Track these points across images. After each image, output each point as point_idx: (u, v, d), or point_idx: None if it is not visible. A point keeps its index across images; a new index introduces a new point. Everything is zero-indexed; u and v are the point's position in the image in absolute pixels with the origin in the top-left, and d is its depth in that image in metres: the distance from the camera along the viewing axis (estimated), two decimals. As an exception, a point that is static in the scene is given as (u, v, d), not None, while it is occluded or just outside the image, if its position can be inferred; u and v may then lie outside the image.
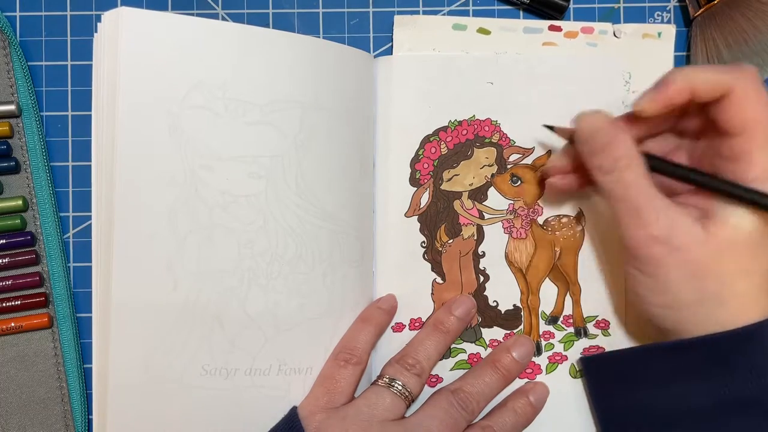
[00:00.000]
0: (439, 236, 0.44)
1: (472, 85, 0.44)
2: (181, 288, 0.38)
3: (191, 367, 0.39)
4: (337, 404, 0.40)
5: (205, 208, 0.38)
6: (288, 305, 0.40)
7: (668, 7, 0.46)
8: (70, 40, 0.45)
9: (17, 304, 0.43)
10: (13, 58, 0.43)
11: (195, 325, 0.39)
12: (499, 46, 0.44)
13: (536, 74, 0.44)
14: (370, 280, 0.44)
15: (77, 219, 0.45)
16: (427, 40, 0.44)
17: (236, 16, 0.45)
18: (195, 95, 0.38)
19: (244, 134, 0.39)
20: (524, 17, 0.46)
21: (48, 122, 0.45)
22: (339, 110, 0.42)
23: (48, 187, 0.44)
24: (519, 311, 0.44)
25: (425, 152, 0.44)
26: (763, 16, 0.42)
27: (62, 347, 0.44)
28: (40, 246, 0.44)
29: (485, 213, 0.44)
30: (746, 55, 0.42)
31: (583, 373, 0.43)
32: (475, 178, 0.44)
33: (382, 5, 0.46)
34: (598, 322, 0.44)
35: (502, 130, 0.44)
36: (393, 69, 0.44)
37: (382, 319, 0.43)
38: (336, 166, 0.42)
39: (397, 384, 0.40)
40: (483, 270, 0.44)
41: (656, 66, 0.44)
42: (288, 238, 0.40)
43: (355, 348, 0.41)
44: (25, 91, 0.43)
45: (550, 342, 0.44)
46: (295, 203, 0.40)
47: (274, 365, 0.40)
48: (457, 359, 0.44)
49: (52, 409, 0.44)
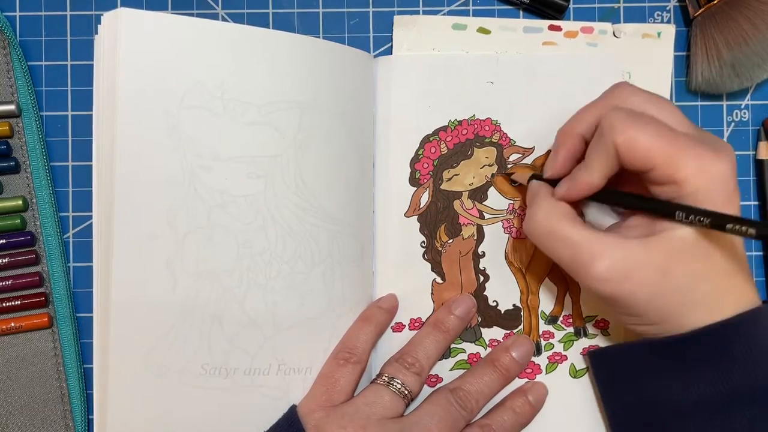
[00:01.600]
0: (439, 236, 0.44)
1: (472, 84, 0.44)
2: (180, 288, 0.38)
3: (191, 367, 0.39)
4: (336, 403, 0.40)
5: (204, 208, 0.38)
6: (287, 305, 0.40)
7: (668, 7, 0.46)
8: (70, 40, 0.45)
9: (17, 304, 0.43)
10: (13, 58, 0.43)
11: (194, 324, 0.39)
12: (499, 45, 0.44)
13: (536, 74, 0.44)
14: (370, 279, 0.44)
15: (77, 219, 0.45)
16: (427, 40, 0.44)
17: (236, 16, 0.45)
18: (194, 95, 0.38)
19: (243, 134, 0.39)
20: (524, 17, 0.46)
21: (48, 122, 0.45)
22: (338, 110, 0.42)
23: (48, 187, 0.44)
24: (519, 311, 0.44)
25: (425, 152, 0.44)
26: (763, 16, 0.42)
27: (62, 347, 0.44)
28: (40, 246, 0.44)
29: (485, 213, 0.44)
30: (746, 55, 0.42)
31: (590, 368, 0.43)
32: (475, 178, 0.44)
33: (382, 5, 0.46)
34: (598, 322, 0.44)
35: (502, 129, 0.44)
36: (393, 69, 0.44)
37: (383, 318, 0.43)
38: (335, 166, 0.42)
39: (396, 382, 0.40)
40: (483, 270, 0.44)
41: (656, 66, 0.44)
42: (287, 238, 0.40)
43: (355, 347, 0.41)
44: (25, 91, 0.43)
45: (550, 342, 0.44)
46: (294, 203, 0.40)
47: (274, 365, 0.40)
48: (456, 359, 0.44)
49: (52, 409, 0.44)
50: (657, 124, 0.34)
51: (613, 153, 0.34)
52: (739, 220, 0.31)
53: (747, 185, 0.45)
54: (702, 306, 0.35)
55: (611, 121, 0.34)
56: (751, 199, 0.45)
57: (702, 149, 0.33)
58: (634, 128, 0.34)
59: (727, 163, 0.33)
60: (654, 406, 0.37)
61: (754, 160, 0.45)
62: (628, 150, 0.34)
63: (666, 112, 0.36)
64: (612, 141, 0.34)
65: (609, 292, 0.35)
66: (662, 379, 0.36)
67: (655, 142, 0.33)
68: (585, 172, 0.36)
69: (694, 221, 0.33)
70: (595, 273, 0.35)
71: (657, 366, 0.37)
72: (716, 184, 0.33)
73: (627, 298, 0.35)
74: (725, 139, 0.46)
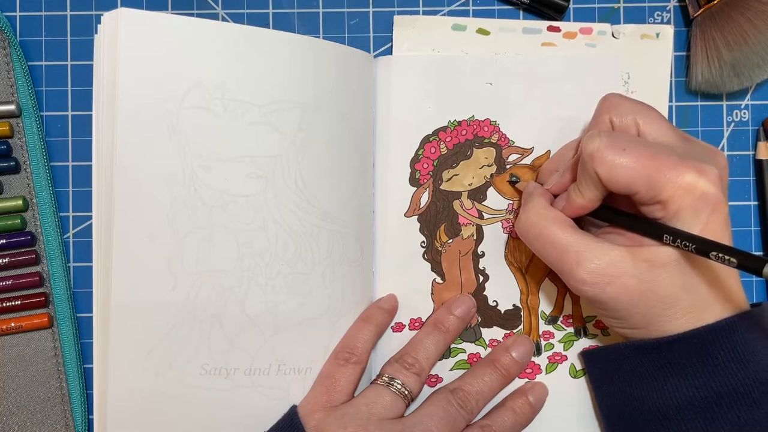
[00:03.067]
0: (439, 236, 0.44)
1: (472, 85, 0.44)
2: (180, 288, 0.38)
3: (191, 367, 0.39)
4: (336, 403, 0.40)
5: (204, 208, 0.39)
6: (287, 305, 0.40)
7: (668, 7, 0.46)
8: (70, 40, 0.45)
9: (17, 304, 0.43)
10: (13, 58, 0.43)
11: (194, 324, 0.39)
12: (499, 46, 0.44)
13: (535, 74, 0.44)
14: (370, 280, 0.44)
15: (77, 219, 0.45)
16: (426, 41, 0.44)
17: (236, 16, 0.45)
18: (194, 96, 0.38)
19: (243, 134, 0.39)
20: (524, 17, 0.46)
21: (48, 122, 0.45)
22: (338, 110, 0.42)
23: (48, 187, 0.44)
24: (519, 311, 0.44)
25: (425, 152, 0.44)
26: (763, 16, 0.42)
27: (62, 347, 0.44)
28: (40, 246, 0.44)
29: (485, 213, 0.44)
30: (746, 55, 0.42)
31: (585, 368, 0.43)
32: (474, 178, 0.44)
33: (382, 5, 0.46)
34: (598, 322, 0.44)
35: (501, 130, 0.44)
36: (393, 69, 0.44)
37: (383, 318, 0.43)
38: (335, 166, 0.42)
39: (396, 383, 0.40)
40: (483, 270, 0.44)
41: (655, 66, 0.44)
42: (287, 238, 0.40)
43: (355, 347, 0.41)
44: (25, 91, 0.43)
45: (550, 342, 0.44)
46: (295, 203, 0.40)
47: (274, 365, 0.41)
48: (456, 359, 0.44)
49: (52, 409, 0.44)
50: (636, 147, 0.35)
51: (597, 181, 0.35)
52: (723, 248, 0.31)
53: (747, 185, 0.45)
54: (684, 315, 0.35)
55: (590, 151, 0.35)
56: (751, 199, 0.45)
57: (684, 167, 0.34)
58: (613, 157, 0.34)
59: (710, 177, 0.34)
60: (640, 407, 0.37)
61: (754, 160, 0.45)
62: (611, 179, 0.35)
63: (651, 122, 0.37)
64: (594, 171, 0.35)
65: (592, 295, 0.36)
66: (648, 380, 0.37)
67: (636, 168, 0.34)
68: (577, 196, 0.37)
69: (680, 245, 0.33)
70: (579, 276, 0.36)
71: (644, 367, 0.37)
72: (700, 202, 0.34)
73: (609, 303, 0.36)
74: (725, 139, 0.46)
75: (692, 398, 0.35)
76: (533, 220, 0.38)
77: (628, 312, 0.36)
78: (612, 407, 0.40)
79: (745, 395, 0.34)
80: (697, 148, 0.37)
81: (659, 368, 0.36)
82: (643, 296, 0.35)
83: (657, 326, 0.36)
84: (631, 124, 0.37)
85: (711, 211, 0.34)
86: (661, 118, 0.37)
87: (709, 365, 0.35)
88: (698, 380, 0.35)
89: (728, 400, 0.34)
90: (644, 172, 0.34)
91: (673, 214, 0.34)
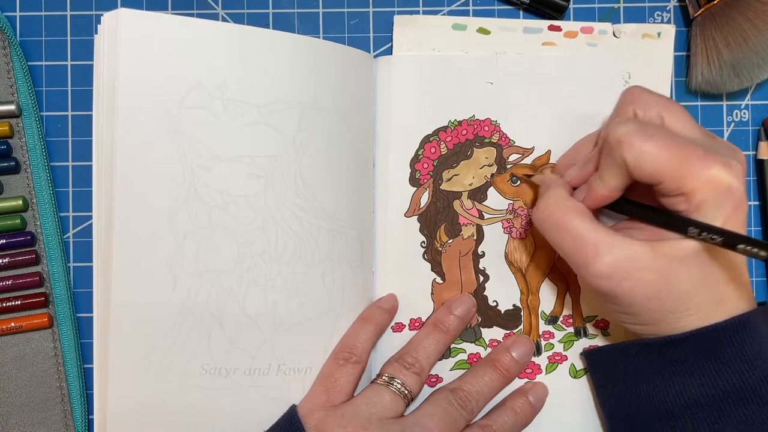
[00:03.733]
0: (439, 236, 0.44)
1: (472, 85, 0.44)
2: (180, 288, 0.38)
3: (191, 367, 0.39)
4: (336, 402, 0.40)
5: (204, 208, 0.39)
6: (287, 305, 0.40)
7: (668, 7, 0.46)
8: (70, 40, 0.45)
9: (17, 304, 0.43)
10: (13, 58, 0.43)
11: (194, 324, 0.39)
12: (499, 46, 0.44)
13: (536, 74, 0.44)
14: (370, 280, 0.44)
15: (77, 219, 0.45)
16: (426, 40, 0.44)
17: (236, 16, 0.45)
18: (194, 96, 0.38)
19: (242, 135, 0.39)
20: (524, 17, 0.46)
21: (48, 122, 0.45)
22: (338, 110, 0.42)
23: (48, 187, 0.44)
24: (519, 311, 0.44)
25: (425, 152, 0.44)
26: (763, 16, 0.42)
27: (62, 347, 0.44)
28: (40, 246, 0.44)
29: (485, 213, 0.44)
30: (746, 55, 0.42)
31: (587, 368, 0.43)
32: (474, 178, 0.44)
33: (382, 5, 0.46)
34: (598, 322, 0.44)
35: (501, 130, 0.44)
36: (393, 69, 0.44)
37: (383, 318, 0.43)
38: (335, 166, 0.42)
39: (396, 382, 0.40)
40: (483, 270, 0.44)
41: (656, 66, 0.44)
42: (287, 238, 0.40)
43: (355, 347, 0.41)
44: (25, 91, 0.43)
45: (550, 342, 0.44)
46: (294, 203, 0.40)
47: (274, 365, 0.41)
48: (456, 359, 0.44)
49: (52, 409, 0.44)
50: (664, 136, 0.34)
51: (623, 168, 0.35)
52: (750, 241, 0.31)
53: (747, 185, 0.45)
54: (698, 311, 0.35)
55: (618, 137, 0.34)
56: (751, 199, 0.45)
57: (710, 160, 0.33)
58: (641, 143, 0.34)
59: (735, 172, 0.33)
60: (646, 405, 0.37)
61: (755, 160, 0.45)
62: (637, 166, 0.34)
63: (675, 116, 0.36)
64: (621, 157, 0.34)
65: (607, 289, 0.35)
66: (655, 378, 0.37)
67: (664, 156, 0.33)
68: (599, 185, 0.36)
69: (705, 238, 0.33)
70: (595, 268, 0.35)
71: (649, 366, 0.37)
72: (725, 196, 0.33)
73: (624, 297, 0.35)
74: (725, 139, 0.46)
75: (699, 396, 0.35)
76: (552, 208, 0.37)
77: (641, 307, 0.35)
78: (616, 406, 0.40)
79: (753, 394, 0.34)
80: (720, 144, 0.36)
81: (666, 366, 0.36)
82: (659, 292, 0.35)
83: (670, 323, 0.35)
84: (656, 117, 0.36)
85: (735, 206, 0.33)
86: (685, 113, 0.37)
87: (717, 363, 0.34)
88: (706, 378, 0.35)
89: (736, 398, 0.34)
90: (672, 161, 0.33)
91: (696, 206, 0.34)
